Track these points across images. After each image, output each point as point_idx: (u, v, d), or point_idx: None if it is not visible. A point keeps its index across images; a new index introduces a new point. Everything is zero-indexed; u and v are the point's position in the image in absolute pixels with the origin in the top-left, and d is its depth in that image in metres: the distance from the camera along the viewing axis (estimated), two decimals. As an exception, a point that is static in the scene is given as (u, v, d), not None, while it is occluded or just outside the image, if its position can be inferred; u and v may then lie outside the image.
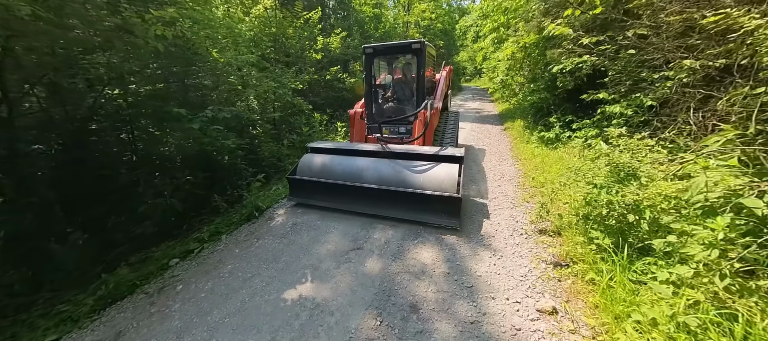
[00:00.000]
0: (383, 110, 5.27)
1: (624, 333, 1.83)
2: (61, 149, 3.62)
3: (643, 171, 2.42)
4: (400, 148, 4.13)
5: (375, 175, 3.78)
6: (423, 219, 3.49)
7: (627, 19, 4.25)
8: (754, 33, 2.37)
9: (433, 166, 3.63)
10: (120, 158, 3.91)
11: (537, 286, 2.54)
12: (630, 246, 2.32)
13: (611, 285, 2.20)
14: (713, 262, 1.68)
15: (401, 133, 4.98)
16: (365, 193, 3.71)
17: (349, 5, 14.58)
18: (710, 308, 1.70)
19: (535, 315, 2.25)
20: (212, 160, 4.56)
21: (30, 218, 3.22)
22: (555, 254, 2.93)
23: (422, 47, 4.48)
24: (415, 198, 3.49)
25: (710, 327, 1.64)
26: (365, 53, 4.85)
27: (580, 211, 2.89)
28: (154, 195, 3.85)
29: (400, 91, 5.32)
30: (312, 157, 4.34)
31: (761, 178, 1.83)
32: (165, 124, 3.80)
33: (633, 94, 4.35)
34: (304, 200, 4.23)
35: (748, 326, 1.59)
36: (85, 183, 3.54)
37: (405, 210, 3.55)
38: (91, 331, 2.49)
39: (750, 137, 2.12)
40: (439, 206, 3.39)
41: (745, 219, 1.91)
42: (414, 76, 4.85)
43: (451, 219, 3.39)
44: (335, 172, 4.01)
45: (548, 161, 5.20)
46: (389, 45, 5.05)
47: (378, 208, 3.68)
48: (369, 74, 5.02)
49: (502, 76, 13.17)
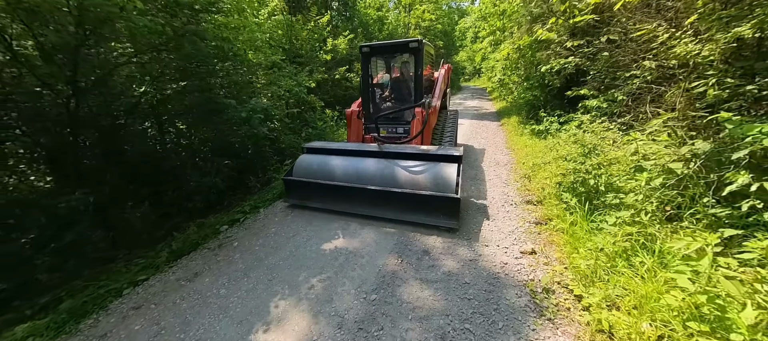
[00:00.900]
0: (381, 110, 5.17)
1: (578, 256, 2.54)
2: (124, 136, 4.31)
3: (600, 147, 3.14)
4: (398, 147, 4.04)
5: (372, 176, 3.73)
6: (421, 221, 3.46)
7: (602, 26, 4.96)
8: (669, 42, 3.10)
9: (431, 166, 3.58)
10: (175, 146, 4.61)
11: (521, 237, 3.25)
12: (590, 203, 3.03)
13: (574, 230, 2.91)
14: (639, 203, 2.39)
15: (399, 132, 4.89)
16: (362, 194, 3.67)
17: (354, 8, 15.29)
18: (639, 236, 2.41)
19: (519, 255, 2.96)
20: (246, 147, 5.25)
21: (106, 191, 3.91)
22: (537, 216, 3.64)
23: (420, 46, 4.35)
24: (412, 199, 3.43)
25: (637, 247, 2.34)
26: (362, 52, 4.72)
27: (556, 180, 3.60)
28: (201, 176, 4.54)
29: (398, 90, 5.22)
30: (308, 157, 4.27)
31: (680, 147, 2.53)
32: (212, 115, 4.49)
33: (609, 90, 5.06)
34: (300, 202, 4.20)
35: (662, 245, 2.29)
36: (148, 167, 4.23)
37: (403, 211, 3.53)
38: (172, 273, 3.18)
39: (678, 119, 2.83)
40: (438, 207, 3.34)
41: (672, 176, 2.62)
42: (412, 75, 4.77)
43: (450, 220, 3.35)
44: (332, 173, 3.95)
45: (537, 149, 5.91)
46: (386, 43, 4.87)
47: (375, 209, 3.66)
48: (366, 73, 4.90)
49: (500, 76, 13.90)
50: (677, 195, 2.53)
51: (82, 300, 2.82)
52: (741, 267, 1.74)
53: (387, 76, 5.45)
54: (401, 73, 5.26)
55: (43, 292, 3.06)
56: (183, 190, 4.49)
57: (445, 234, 3.40)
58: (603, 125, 3.40)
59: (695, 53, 2.68)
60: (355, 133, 5.04)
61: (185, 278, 3.05)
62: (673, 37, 2.97)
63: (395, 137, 4.86)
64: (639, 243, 2.37)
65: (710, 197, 2.28)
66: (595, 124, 3.41)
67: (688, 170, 2.44)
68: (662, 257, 2.19)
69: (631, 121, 3.86)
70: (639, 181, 2.38)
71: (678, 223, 2.49)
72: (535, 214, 3.71)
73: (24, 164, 3.95)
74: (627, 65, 4.80)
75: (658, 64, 3.81)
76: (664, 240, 2.31)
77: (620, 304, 2.06)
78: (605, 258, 2.42)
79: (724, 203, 2.20)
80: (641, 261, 2.22)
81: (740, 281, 1.65)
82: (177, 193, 4.44)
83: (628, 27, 4.29)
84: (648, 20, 4.03)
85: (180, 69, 4.06)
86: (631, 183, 2.46)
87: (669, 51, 3.07)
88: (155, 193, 4.28)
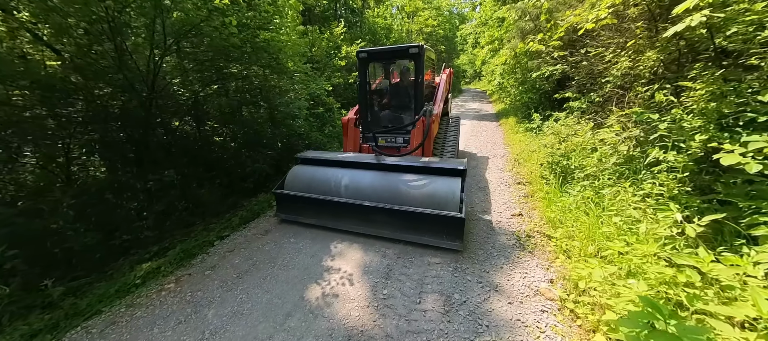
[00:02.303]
0: (379, 117, 4.92)
1: (550, 211, 3.55)
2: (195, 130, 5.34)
3: (569, 137, 4.15)
4: (397, 159, 3.81)
5: (369, 191, 3.53)
6: (421, 241, 3.24)
7: (582, 40, 5.99)
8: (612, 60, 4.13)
9: (432, 181, 3.37)
10: (230, 140, 5.65)
11: (512, 206, 4.25)
12: (564, 178, 4.04)
13: (550, 196, 3.92)
14: (594, 174, 3.39)
15: (398, 142, 4.63)
16: (358, 211, 3.49)
17: (362, 17, 16.39)
18: (595, 197, 3.40)
19: (510, 217, 3.95)
20: (282, 141, 6.28)
21: (187, 172, 4.93)
22: (525, 192, 4.65)
23: (421, 51, 4.07)
24: (412, 216, 3.21)
25: (591, 203, 3.34)
26: (359, 57, 4.45)
27: (539, 163, 4.62)
28: (252, 163, 5.55)
29: (398, 97, 4.99)
30: (302, 168, 4.10)
31: (624, 135, 3.54)
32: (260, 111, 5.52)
33: (588, 93, 6.07)
34: (292, 217, 4.02)
35: (610, 202, 3.27)
36: (212, 157, 5.25)
37: (401, 230, 3.32)
38: (248, 230, 4.18)
39: (626, 115, 3.84)
40: (440, 226, 3.13)
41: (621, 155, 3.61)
42: (412, 81, 4.54)
43: (453, 242, 3.12)
44: (326, 187, 3.76)
45: (529, 144, 6.92)
46: (385, 49, 4.55)
47: (371, 227, 3.47)
48: (364, 79, 4.61)
49: (499, 79, 14.95)
50: (625, 167, 3.54)
51: (188, 245, 3.83)
52: (642, 201, 2.73)
53: (386, 81, 5.18)
54: (401, 78, 5.02)
55: (151, 244, 4.07)
56: (238, 174, 5.50)
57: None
58: (574, 120, 4.41)
59: (629, 67, 3.71)
60: (351, 142, 4.82)
61: (259, 233, 4.05)
62: (617, 56, 3.98)
63: (394, 147, 4.63)
64: (593, 200, 3.37)
65: (643, 166, 3.28)
66: (568, 119, 4.41)
67: (628, 149, 3.44)
68: (604, 207, 3.19)
69: (602, 118, 4.86)
70: (593, 158, 3.38)
71: (622, 184, 3.50)
72: (524, 191, 4.71)
73: (116, 154, 4.96)
74: (601, 73, 5.83)
75: (622, 73, 4.83)
76: (610, 197, 3.31)
77: (575, 236, 3.06)
78: (569, 211, 3.42)
79: (650, 170, 3.20)
80: (592, 211, 3.21)
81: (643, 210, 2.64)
82: (233, 176, 5.45)
83: (588, 47, 5.33)
84: (610, 39, 5.05)
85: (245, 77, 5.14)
86: (588, 160, 3.45)
87: (613, 66, 4.08)
88: (218, 176, 5.29)
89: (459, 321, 2.37)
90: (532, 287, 2.68)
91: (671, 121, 2.59)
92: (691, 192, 2.29)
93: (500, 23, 12.15)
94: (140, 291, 3.03)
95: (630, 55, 3.94)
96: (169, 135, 5.36)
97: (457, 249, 3.17)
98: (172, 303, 2.81)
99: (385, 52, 4.65)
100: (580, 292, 2.41)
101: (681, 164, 2.34)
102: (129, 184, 4.50)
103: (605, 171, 3.51)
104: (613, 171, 3.46)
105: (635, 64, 3.74)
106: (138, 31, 4.49)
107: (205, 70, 5.07)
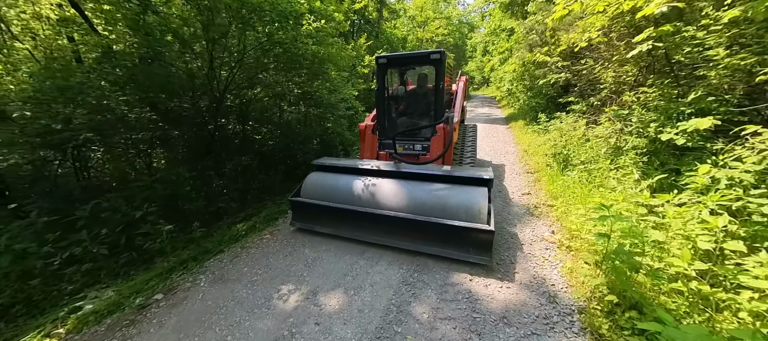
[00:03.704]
0: (397, 124, 4.86)
1: (552, 187, 4.54)
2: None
3: (570, 131, 5.16)
4: (418, 167, 3.70)
5: (389, 200, 3.41)
6: (445, 254, 3.08)
7: (582, 53, 7.00)
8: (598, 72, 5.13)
9: (456, 191, 3.24)
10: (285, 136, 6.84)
11: (522, 188, 5.25)
12: (564, 165, 5.03)
13: (553, 178, 4.91)
14: (587, 160, 4.38)
15: (417, 150, 4.52)
16: (378, 220, 3.38)
17: (379, 28, 17.67)
18: (587, 177, 4.39)
19: (521, 195, 4.95)
20: (321, 137, 7.45)
21: (254, 160, 6.08)
22: (533, 178, 5.64)
23: (442, 57, 3.98)
24: (436, 228, 3.08)
25: (584, 180, 4.33)
26: (378, 63, 4.36)
27: (544, 153, 5.62)
28: (304, 153, 6.69)
29: (416, 104, 4.91)
30: (319, 176, 4.01)
31: (610, 129, 4.52)
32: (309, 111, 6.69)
33: (589, 97, 7.05)
34: (308, 226, 3.91)
35: (596, 178, 4.26)
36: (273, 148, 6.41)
37: (424, 242, 3.19)
38: (310, 205, 5.25)
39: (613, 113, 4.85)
40: (466, 239, 2.99)
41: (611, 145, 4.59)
42: (431, 88, 4.47)
43: (481, 256, 2.94)
44: (344, 195, 3.66)
45: (536, 140, 7.91)
46: (405, 55, 4.52)
47: (392, 238, 3.35)
48: (382, 85, 4.52)
49: (509, 86, 15.98)
50: (613, 154, 4.52)
51: (270, 211, 4.93)
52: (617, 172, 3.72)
53: (402, 88, 5.13)
54: (419, 85, 4.98)
55: (237, 213, 5.17)
56: (291, 164, 6.64)
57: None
58: (574, 119, 5.40)
59: (616, 76, 4.71)
60: (368, 149, 4.78)
61: (320, 206, 5.12)
62: (604, 68, 4.99)
63: (412, 155, 4.52)
64: (586, 179, 4.36)
65: (624, 151, 4.26)
66: (569, 118, 5.40)
67: (616, 140, 4.43)
68: (593, 183, 4.18)
69: (596, 117, 5.85)
70: (586, 148, 4.38)
71: (605, 163, 4.48)
72: (532, 177, 5.71)
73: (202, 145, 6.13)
74: (598, 81, 6.82)
75: (613, 81, 5.82)
76: (596, 174, 4.30)
77: (571, 206, 4.05)
78: (567, 187, 4.41)
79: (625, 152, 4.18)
80: (584, 186, 4.20)
81: (618, 179, 3.62)
82: (288, 166, 6.59)
83: (587, 59, 6.34)
84: (605, 51, 6.06)
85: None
86: (582, 149, 4.46)
87: (603, 75, 5.10)
88: (278, 165, 6.44)
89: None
90: (539, 236, 3.68)
91: (638, 117, 3.60)
92: (648, 164, 3.28)
93: (509, 35, 13.22)
94: (247, 239, 4.12)
95: (615, 68, 4.95)
96: (238, 132, 6.57)
97: (485, 264, 2.98)
98: (274, 245, 3.89)
99: (405, 58, 4.54)
100: (572, 237, 3.40)
101: (642, 144, 3.34)
102: (214, 167, 5.65)
103: (598, 157, 4.50)
104: (604, 157, 4.45)
105: (618, 75, 4.75)
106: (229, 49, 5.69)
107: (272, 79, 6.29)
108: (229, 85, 5.95)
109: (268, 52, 5.36)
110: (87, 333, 2.62)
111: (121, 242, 3.65)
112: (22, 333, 2.70)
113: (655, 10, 2.71)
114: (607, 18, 3.89)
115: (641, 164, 3.30)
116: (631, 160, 3.48)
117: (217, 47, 5.16)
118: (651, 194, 2.69)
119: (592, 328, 2.25)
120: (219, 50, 5.26)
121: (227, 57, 5.47)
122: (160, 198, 4.23)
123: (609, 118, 4.73)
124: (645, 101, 3.57)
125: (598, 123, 5.71)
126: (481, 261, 2.97)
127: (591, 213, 3.39)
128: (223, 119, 6.21)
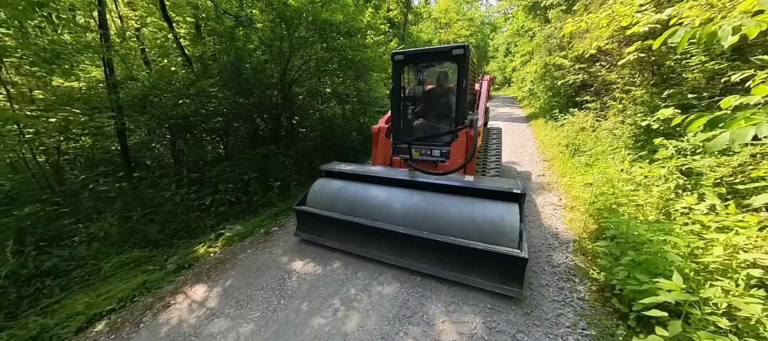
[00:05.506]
0: (413, 127, 4.45)
1: (563, 169, 5.56)
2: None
3: (581, 124, 6.12)
4: (437, 178, 3.23)
5: (404, 214, 3.04)
6: (469, 282, 2.69)
7: (596, 56, 7.87)
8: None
9: (481, 207, 2.81)
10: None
11: (539, 170, 6.26)
12: (575, 152, 6.00)
13: (563, 162, 5.91)
14: (593, 147, 5.35)
15: (434, 156, 4.07)
16: (389, 237, 3.01)
17: (405, 31, 18.84)
18: (596, 163, 5.36)
19: (537, 176, 5.98)
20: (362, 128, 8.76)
21: (308, 148, 7.46)
22: (548, 164, 6.63)
23: (466, 53, 3.54)
24: (457, 251, 2.70)
25: (592, 164, 5.31)
26: (394, 60, 3.92)
27: (558, 142, 6.61)
28: (350, 142, 8.01)
29: (434, 105, 4.45)
30: (326, 182, 3.71)
31: (613, 121, 5.45)
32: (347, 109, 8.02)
33: (603, 96, 7.89)
34: (313, 238, 3.59)
35: (604, 166, 5.23)
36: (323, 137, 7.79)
37: (443, 266, 2.80)
38: (361, 180, 6.54)
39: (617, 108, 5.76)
40: (493, 265, 2.59)
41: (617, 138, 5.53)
42: (452, 87, 4.04)
43: (511, 286, 2.53)
44: (353, 206, 3.31)
45: (552, 133, 8.83)
46: (424, 50, 3.96)
47: (407, 258, 2.98)
48: (398, 84, 4.05)
49: (530, 86, 16.68)
50: (613, 140, 5.47)
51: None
52: (612, 151, 4.71)
53: (420, 88, 4.60)
54: (438, 84, 4.49)
55: (306, 183, 6.53)
56: (341, 150, 8.00)
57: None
58: (584, 114, 6.35)
59: (621, 77, 5.64)
60: (382, 154, 4.42)
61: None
62: (608, 70, 5.90)
63: (429, 162, 4.10)
64: (590, 162, 5.34)
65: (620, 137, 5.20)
66: (580, 114, 6.37)
67: (619, 130, 5.38)
68: (595, 164, 5.16)
69: (605, 113, 6.75)
70: (592, 137, 5.36)
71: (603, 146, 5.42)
72: (547, 164, 6.70)
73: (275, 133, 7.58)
74: (609, 80, 7.66)
75: (622, 82, 6.69)
76: (598, 156, 5.27)
77: (576, 180, 5.05)
78: (575, 168, 5.41)
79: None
80: (589, 166, 5.19)
81: (612, 155, 4.61)
82: (340, 150, 7.97)
83: (601, 62, 7.21)
84: (618, 55, 6.92)
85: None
86: (590, 139, 5.44)
87: (609, 76, 6.03)
88: (329, 148, 7.81)
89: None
90: (549, 202, 4.73)
91: (631, 110, 4.57)
92: (635, 144, 4.27)
93: (532, 37, 14.00)
94: (321, 201, 5.43)
95: (618, 71, 5.87)
96: (297, 123, 8.02)
97: (515, 297, 2.54)
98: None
99: (424, 54, 3.99)
100: (574, 200, 4.45)
101: (630, 131, 4.33)
102: (283, 150, 7.07)
103: (603, 145, 5.46)
104: (605, 144, 5.41)
105: (621, 77, 5.68)
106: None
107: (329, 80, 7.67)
108: (293, 85, 7.36)
109: (330, 60, 6.69)
110: (237, 246, 3.99)
111: (239, 197, 5.07)
112: (192, 246, 4.12)
113: (639, 30, 3.72)
114: (610, 30, 4.85)
115: (630, 145, 4.29)
116: (622, 143, 4.47)
117: (293, 56, 6.54)
118: (630, 164, 3.71)
119: (581, 247, 3.34)
120: (295, 58, 6.64)
121: (298, 61, 6.85)
122: (257, 169, 5.65)
123: (615, 113, 5.66)
124: (634, 97, 4.55)
125: (606, 117, 6.62)
126: (511, 292, 2.51)
127: (588, 180, 4.42)
128: (287, 112, 7.63)
